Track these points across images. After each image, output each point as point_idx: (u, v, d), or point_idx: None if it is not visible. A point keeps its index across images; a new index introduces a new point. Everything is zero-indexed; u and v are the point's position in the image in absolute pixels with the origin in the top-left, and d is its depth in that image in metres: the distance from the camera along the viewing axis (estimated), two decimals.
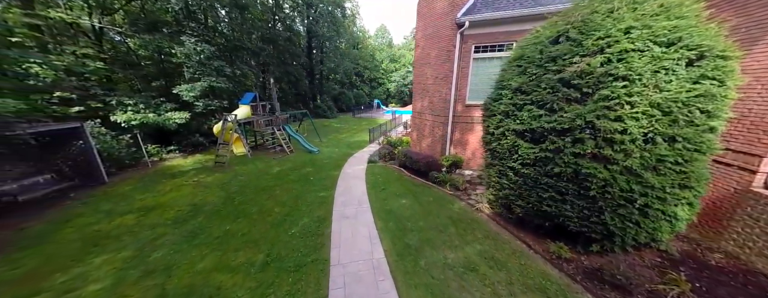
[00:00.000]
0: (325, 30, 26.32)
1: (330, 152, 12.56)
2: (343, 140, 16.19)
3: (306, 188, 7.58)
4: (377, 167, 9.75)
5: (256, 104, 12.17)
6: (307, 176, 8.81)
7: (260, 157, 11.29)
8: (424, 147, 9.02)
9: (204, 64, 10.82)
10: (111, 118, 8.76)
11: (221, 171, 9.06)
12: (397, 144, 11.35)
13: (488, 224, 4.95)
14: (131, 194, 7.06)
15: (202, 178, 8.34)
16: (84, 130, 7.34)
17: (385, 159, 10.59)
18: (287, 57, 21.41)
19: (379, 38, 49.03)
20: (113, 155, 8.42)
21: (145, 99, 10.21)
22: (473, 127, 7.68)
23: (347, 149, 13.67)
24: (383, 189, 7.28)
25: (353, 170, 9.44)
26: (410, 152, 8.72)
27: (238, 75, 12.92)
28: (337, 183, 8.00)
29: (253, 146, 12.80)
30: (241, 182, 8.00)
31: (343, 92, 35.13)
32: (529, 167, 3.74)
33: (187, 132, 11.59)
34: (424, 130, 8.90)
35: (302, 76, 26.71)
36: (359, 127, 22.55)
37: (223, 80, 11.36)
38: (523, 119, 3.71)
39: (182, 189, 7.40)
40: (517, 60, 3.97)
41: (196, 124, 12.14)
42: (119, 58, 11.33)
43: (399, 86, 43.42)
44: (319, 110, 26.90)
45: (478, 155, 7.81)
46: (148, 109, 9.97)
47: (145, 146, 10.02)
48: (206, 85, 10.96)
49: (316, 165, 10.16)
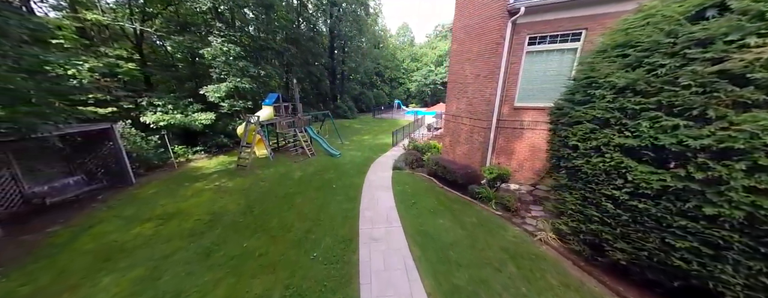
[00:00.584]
0: (348, 29, 25.98)
1: (352, 156, 11.94)
2: (365, 143, 15.56)
3: (328, 197, 6.95)
4: (404, 175, 8.91)
5: (278, 105, 11.90)
6: (330, 182, 8.21)
7: (282, 160, 10.95)
8: (458, 155, 8.01)
9: (229, 64, 10.71)
10: (141, 119, 8.82)
11: (243, 175, 8.77)
12: (424, 150, 10.42)
13: (562, 265, 3.87)
14: (154, 198, 6.90)
15: (223, 182, 8.06)
16: (114, 132, 7.33)
17: (412, 166, 9.72)
18: (310, 57, 21.31)
19: (401, 37, 48.08)
20: (142, 155, 8.44)
21: (173, 100, 10.28)
22: (522, 134, 6.55)
23: (370, 152, 12.99)
24: (414, 203, 6.43)
25: (378, 178, 8.69)
26: (443, 161, 7.77)
27: (263, 75, 12.77)
28: (362, 193, 7.29)
29: (275, 148, 12.57)
30: (262, 188, 7.58)
31: (363, 92, 34.73)
32: (647, 200, 2.67)
33: (212, 133, 11.60)
34: (459, 136, 7.90)
35: (324, 76, 26.61)
36: (380, 128, 21.87)
37: (248, 81, 11.21)
38: (640, 131, 2.65)
39: (203, 194, 7.12)
40: (618, 48, 2.91)
41: (222, 125, 12.15)
42: (158, 61, 11.75)
43: (420, 86, 42.19)
44: (340, 111, 26.64)
45: (528, 167, 6.67)
46: (177, 110, 10.01)
47: (172, 147, 10.08)
48: (231, 85, 10.84)
49: (338, 170, 9.56)
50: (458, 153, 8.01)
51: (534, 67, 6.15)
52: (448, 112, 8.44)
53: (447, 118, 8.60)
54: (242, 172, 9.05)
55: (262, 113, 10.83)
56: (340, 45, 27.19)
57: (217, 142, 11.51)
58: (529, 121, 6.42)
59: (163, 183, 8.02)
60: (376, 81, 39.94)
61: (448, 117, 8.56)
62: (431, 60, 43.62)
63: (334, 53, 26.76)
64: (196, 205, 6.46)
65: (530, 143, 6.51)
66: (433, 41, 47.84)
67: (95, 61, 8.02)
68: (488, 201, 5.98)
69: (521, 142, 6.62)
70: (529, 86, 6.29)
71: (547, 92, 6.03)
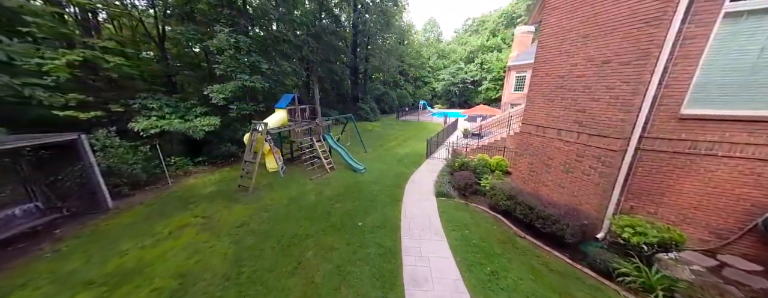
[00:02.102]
0: (372, 24, 23.79)
1: (379, 171, 9.62)
2: (392, 152, 13.19)
3: (353, 248, 4.67)
4: (455, 208, 6.39)
5: (294, 108, 9.94)
6: (353, 216, 5.95)
7: (295, 175, 8.94)
8: (550, 187, 5.30)
9: (237, 59, 8.93)
10: (129, 125, 7.24)
11: (243, 200, 6.81)
12: (481, 170, 7.77)
13: None
14: (120, 237, 5.09)
15: (215, 212, 6.12)
16: (82, 144, 5.69)
17: (463, 193, 7.14)
18: (332, 53, 19.44)
19: (428, 33, 45.12)
20: (126, 171, 6.82)
21: (174, 103, 8.69)
22: (692, 163, 3.75)
23: (399, 166, 10.59)
24: (492, 275, 3.92)
25: (419, 211, 6.25)
26: (527, 198, 5.12)
27: (277, 73, 10.93)
28: (402, 240, 4.91)
29: (288, 159, 10.65)
30: (262, 225, 5.50)
31: (386, 93, 32.43)
32: None
33: (217, 140, 9.94)
34: (551, 158, 5.20)
35: (346, 75, 24.70)
36: (406, 132, 19.40)
37: (258, 79, 9.39)
38: None
39: (183, 234, 5.18)
40: None
41: (231, 131, 10.48)
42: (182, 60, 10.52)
43: (447, 86, 38.96)
44: (362, 112, 24.57)
45: (699, 220, 3.83)
46: (175, 114, 8.39)
47: (170, 158, 8.48)
48: (239, 84, 9.06)
49: (363, 194, 7.28)
50: (549, 184, 5.29)
51: (735, 43, 3.33)
52: (527, 121, 5.75)
53: (523, 130, 5.91)
54: (243, 195, 7.11)
55: (272, 119, 8.89)
56: (362, 41, 25.12)
57: (223, 151, 9.82)
58: (710, 142, 3.60)
59: (144, 210, 6.27)
60: (399, 80, 37.47)
61: (524, 128, 5.87)
62: (460, 57, 40.22)
63: (357, 50, 24.75)
64: (167, 255, 4.50)
65: (708, 181, 3.68)
66: (463, 37, 44.27)
67: (74, 53, 6.50)
68: (642, 289, 3.27)
69: (689, 178, 3.81)
70: (720, 79, 3.48)
71: (761, 89, 3.22)
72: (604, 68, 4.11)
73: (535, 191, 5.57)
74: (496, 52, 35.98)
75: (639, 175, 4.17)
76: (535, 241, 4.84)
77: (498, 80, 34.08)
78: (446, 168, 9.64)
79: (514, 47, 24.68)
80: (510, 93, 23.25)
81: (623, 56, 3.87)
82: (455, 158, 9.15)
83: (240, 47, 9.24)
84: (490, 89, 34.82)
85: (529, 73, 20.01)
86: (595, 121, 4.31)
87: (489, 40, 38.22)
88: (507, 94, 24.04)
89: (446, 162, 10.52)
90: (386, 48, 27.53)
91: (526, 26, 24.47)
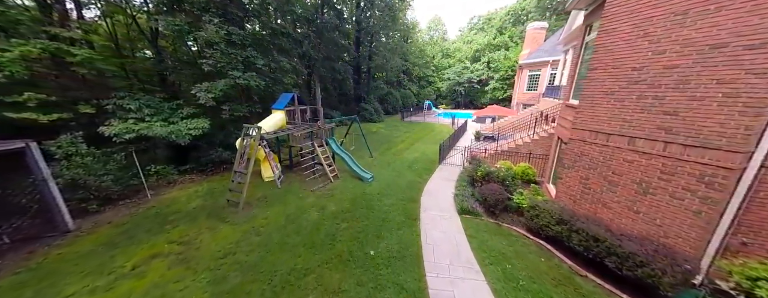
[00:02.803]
0: (376, 20, 22.70)
1: (388, 180, 8.53)
2: (401, 157, 12.08)
3: (366, 290, 3.58)
4: (486, 230, 5.29)
5: (293, 109, 8.88)
6: (363, 240, 4.88)
7: (293, 185, 7.86)
8: (614, 209, 4.18)
9: (228, 53, 7.85)
10: (99, 129, 6.19)
11: (232, 219, 5.73)
12: (510, 182, 6.65)
13: None
14: (71, 273, 4.02)
15: (196, 236, 5.05)
16: (32, 154, 4.63)
17: (492, 209, 6.03)
18: (334, 50, 18.36)
19: (432, 31, 43.99)
20: (93, 184, 5.76)
21: (157, 103, 7.64)
22: None
23: (410, 173, 9.49)
24: None
25: (443, 234, 5.16)
26: (585, 223, 4.00)
27: (275, 69, 9.85)
28: (429, 285, 3.81)
29: (287, 166, 9.58)
30: (251, 258, 4.42)
31: (390, 92, 31.33)
32: None
33: (207, 145, 8.87)
34: (618, 174, 4.08)
35: (348, 74, 23.62)
36: (413, 134, 18.30)
37: (253, 76, 8.32)
38: None
39: (149, 272, 4.09)
40: None
41: (223, 134, 9.41)
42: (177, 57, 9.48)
43: (452, 85, 37.79)
44: (366, 113, 23.48)
45: None
46: (157, 116, 7.33)
47: (150, 167, 7.42)
48: (231, 82, 7.99)
49: (373, 210, 6.20)
50: (613, 206, 4.17)
51: None
52: (579, 125, 4.63)
53: (579, 136, 4.78)
54: (232, 212, 6.03)
55: (268, 121, 7.82)
56: (365, 38, 24.05)
57: (214, 157, 8.74)
58: None
59: (111, 232, 5.20)
60: (403, 80, 36.37)
61: (579, 134, 4.75)
62: (466, 56, 39.08)
63: (360, 48, 23.68)
64: None
65: None
66: (468, 35, 43.11)
67: (31, 44, 5.45)
68: None
69: None
70: None
71: None
72: (714, 55, 2.99)
73: (592, 213, 4.45)
74: (504, 51, 34.79)
75: (759, 202, 3.05)
76: (601, 282, 3.72)
77: (505, 80, 32.90)
78: (465, 176, 8.53)
79: (525, 45, 23.54)
80: (522, 93, 22.09)
81: (750, 37, 2.75)
82: (477, 165, 8.03)
83: (232, 40, 8.18)
84: (497, 89, 33.62)
85: (544, 71, 18.85)
86: (694, 128, 3.19)
87: (496, 38, 37.03)
88: (518, 94, 22.87)
89: (464, 169, 9.41)
90: (390, 46, 26.44)
91: (538, 22, 23.34)
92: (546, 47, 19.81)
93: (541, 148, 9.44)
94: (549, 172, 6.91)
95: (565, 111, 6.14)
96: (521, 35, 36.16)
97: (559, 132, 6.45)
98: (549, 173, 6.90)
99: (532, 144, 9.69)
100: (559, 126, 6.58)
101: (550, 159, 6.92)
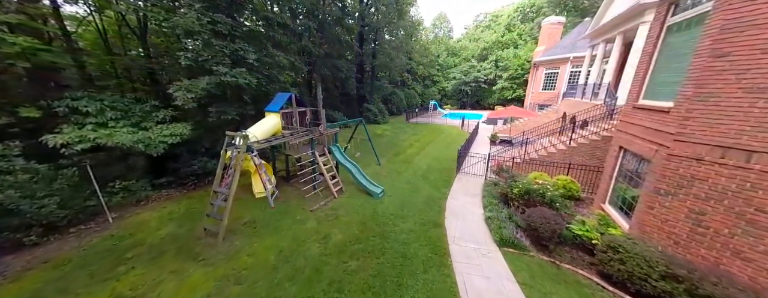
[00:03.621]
0: (381, 16, 21.36)
1: (402, 195, 7.23)
2: (412, 164, 10.76)
3: None
4: (543, 275, 3.95)
5: (290, 111, 7.57)
6: (378, 291, 3.57)
7: (290, 203, 6.56)
8: (750, 257, 2.84)
9: (212, 46, 6.53)
10: (42, 139, 4.88)
11: (207, 255, 4.42)
12: (561, 203, 5.31)
13: None
14: None
15: (154, 285, 3.73)
16: None
17: (543, 242, 4.67)
18: (337, 46, 17.03)
19: (437, 28, 42.63)
20: (29, 210, 4.46)
21: (125, 103, 6.35)
22: None
23: (426, 185, 8.18)
24: None
25: (488, 283, 3.82)
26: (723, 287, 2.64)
27: (270, 65, 8.51)
28: None
29: (284, 177, 8.27)
30: None
31: (394, 92, 30.00)
32: None
33: (190, 154, 7.56)
34: (763, 213, 2.70)
35: (351, 72, 22.30)
36: (422, 137, 16.96)
37: (242, 73, 7.00)
38: None
39: None
40: None
41: (210, 139, 8.11)
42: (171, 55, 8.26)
43: (457, 85, 36.40)
44: (370, 114, 22.15)
45: None
46: (124, 120, 6.04)
47: (114, 183, 6.10)
48: (216, 80, 6.68)
49: (389, 241, 4.88)
50: (756, 259, 2.81)
51: None
52: (690, 136, 3.28)
53: (688, 153, 3.40)
54: (209, 245, 4.72)
55: (260, 127, 6.51)
56: (369, 36, 22.71)
57: (197, 168, 7.43)
58: None
59: (43, 275, 3.89)
60: (407, 79, 35.01)
61: (690, 149, 3.38)
62: (472, 54, 37.71)
63: (363, 45, 22.35)
64: None
65: None
66: (474, 33, 41.72)
67: None
68: None
69: None
70: None
71: None
72: None
73: (714, 263, 3.09)
74: (513, 49, 33.37)
75: None
76: None
77: (515, 79, 31.49)
78: (493, 191, 7.19)
79: (540, 41, 22.09)
80: (537, 92, 20.62)
81: None
82: (510, 179, 6.67)
83: (218, 31, 6.87)
84: (506, 89, 32.21)
85: (564, 69, 17.34)
86: None
87: (504, 35, 35.61)
88: (533, 94, 21.41)
89: (487, 181, 8.00)
90: (394, 44, 25.09)
91: (554, 17, 21.89)
92: (565, 43, 18.40)
93: (581, 156, 8.08)
94: (606, 190, 5.55)
95: (633, 114, 4.80)
96: (531, 32, 34.71)
97: (623, 140, 5.11)
98: (606, 193, 5.55)
99: (567, 152, 8.32)
100: (621, 132, 5.23)
101: (608, 174, 5.56)
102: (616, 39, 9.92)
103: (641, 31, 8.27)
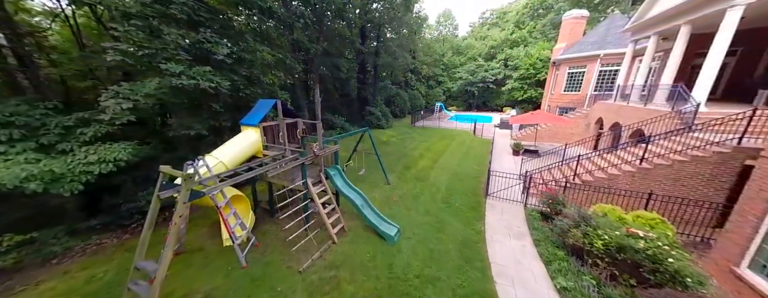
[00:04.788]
0: (385, 11, 19.38)
1: (424, 237, 5.32)
2: (428, 182, 8.86)
3: None
4: None
5: (275, 124, 5.65)
6: None
7: (270, 259, 4.62)
8: None
9: (157, 34, 4.58)
10: None
11: None
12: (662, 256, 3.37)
13: None
14: None
15: None
16: None
17: None
18: (338, 43, 15.12)
19: (441, 26, 40.72)
20: None
21: (34, 116, 4.41)
22: None
23: (453, 217, 6.27)
24: None
25: None
26: None
27: (248, 63, 6.51)
28: None
29: (268, 209, 6.32)
30: None
31: (397, 93, 28.06)
32: None
33: (135, 185, 5.59)
34: None
35: (353, 72, 20.34)
36: (432, 144, 14.99)
37: (206, 73, 5.05)
38: None
39: None
40: None
41: (169, 158, 6.16)
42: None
43: (464, 85, 34.46)
44: (373, 118, 20.21)
45: None
46: (27, 142, 4.10)
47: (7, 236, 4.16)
48: (166, 83, 4.74)
49: None
50: None
51: None
52: None
53: None
54: None
55: (228, 151, 4.58)
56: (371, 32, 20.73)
57: (142, 204, 5.46)
58: None
59: None
60: (411, 79, 33.07)
61: None
62: (479, 53, 35.80)
63: (365, 43, 20.40)
64: None
65: None
66: (480, 30, 39.82)
67: None
68: None
69: None
70: None
71: None
72: None
73: None
74: (523, 47, 31.47)
75: None
76: None
77: (526, 79, 29.55)
78: (544, 229, 5.28)
79: (561, 37, 20.04)
80: (558, 94, 18.56)
81: None
82: (582, 221, 4.71)
83: (170, 14, 4.92)
84: (516, 89, 30.25)
85: (592, 68, 15.03)
86: None
87: (514, 33, 33.68)
88: (552, 96, 19.40)
89: (529, 207, 5.79)
90: (399, 42, 23.11)
91: (577, 10, 19.89)
92: (591, 39, 16.46)
93: (657, 183, 6.16)
94: (744, 246, 3.64)
95: None
96: (543, 30, 32.82)
97: None
98: (743, 250, 3.63)
99: (637, 176, 6.39)
100: None
101: (750, 223, 3.64)
102: (682, 29, 8.00)
103: (731, 17, 6.38)
